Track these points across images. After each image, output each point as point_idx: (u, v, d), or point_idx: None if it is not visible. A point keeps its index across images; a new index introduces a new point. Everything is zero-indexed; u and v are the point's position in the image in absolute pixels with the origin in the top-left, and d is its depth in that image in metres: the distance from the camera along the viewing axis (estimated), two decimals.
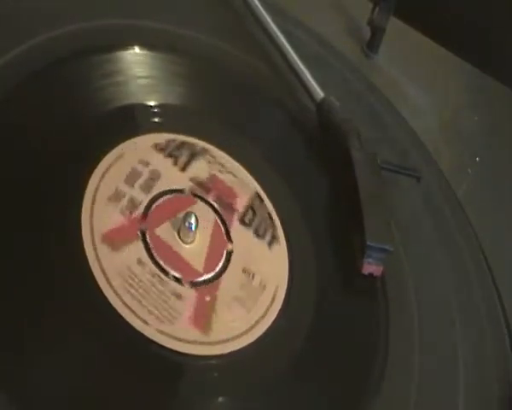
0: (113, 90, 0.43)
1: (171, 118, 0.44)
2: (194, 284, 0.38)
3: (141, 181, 0.40)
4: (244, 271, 0.39)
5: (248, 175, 0.43)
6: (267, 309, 0.39)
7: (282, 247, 0.42)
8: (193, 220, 0.39)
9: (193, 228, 0.39)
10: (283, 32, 0.51)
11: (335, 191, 0.46)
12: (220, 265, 0.39)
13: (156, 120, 0.43)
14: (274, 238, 0.42)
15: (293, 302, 0.40)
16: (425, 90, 0.58)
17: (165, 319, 0.36)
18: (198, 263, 0.39)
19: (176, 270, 0.38)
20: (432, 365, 0.42)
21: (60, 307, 0.35)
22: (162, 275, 0.37)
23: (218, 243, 0.40)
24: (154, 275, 0.37)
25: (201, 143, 0.43)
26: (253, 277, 0.40)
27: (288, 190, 0.45)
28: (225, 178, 0.43)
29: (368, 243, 0.41)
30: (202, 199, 0.41)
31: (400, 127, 0.54)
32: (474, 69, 0.62)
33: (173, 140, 0.43)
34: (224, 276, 0.39)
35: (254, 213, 0.42)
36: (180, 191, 0.41)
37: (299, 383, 0.38)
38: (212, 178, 0.42)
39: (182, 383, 0.36)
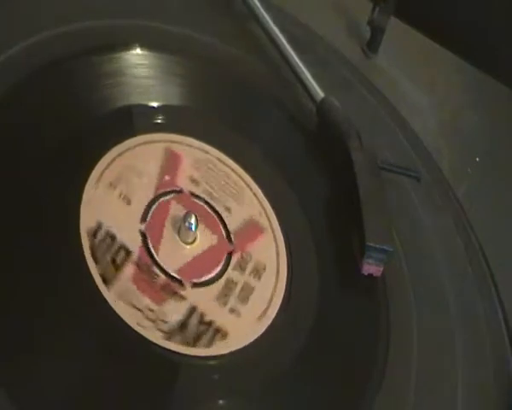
0: (113, 90, 0.43)
1: (171, 118, 0.44)
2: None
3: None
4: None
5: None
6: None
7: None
8: (193, 220, 0.39)
9: (193, 228, 0.39)
10: (283, 31, 0.51)
11: (335, 191, 0.46)
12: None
13: (156, 120, 0.43)
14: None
15: (294, 302, 0.40)
16: (425, 90, 0.58)
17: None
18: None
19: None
20: (431, 365, 0.42)
21: (59, 304, 0.35)
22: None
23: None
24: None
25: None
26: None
27: (287, 189, 0.45)
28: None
29: (367, 243, 0.41)
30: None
31: (400, 127, 0.54)
32: (474, 69, 0.62)
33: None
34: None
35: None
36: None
37: (299, 383, 0.38)
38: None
39: (182, 383, 0.36)
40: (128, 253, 0.37)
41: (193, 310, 0.37)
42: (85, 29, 0.45)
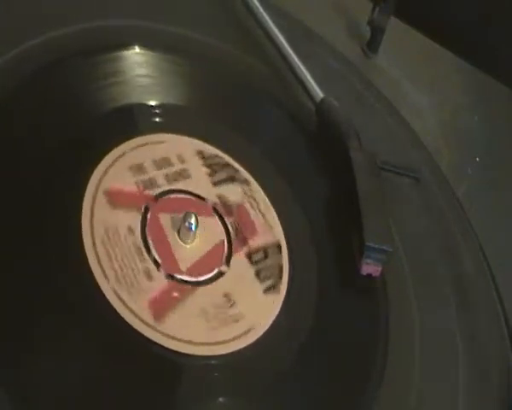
0: (113, 90, 0.43)
1: (171, 118, 0.44)
2: (169, 277, 0.38)
3: (169, 170, 0.41)
4: (225, 295, 0.39)
5: (279, 225, 0.43)
6: (228, 340, 0.37)
7: (278, 297, 0.40)
8: (193, 220, 0.39)
9: (192, 228, 0.39)
10: (283, 31, 0.51)
11: (335, 191, 0.46)
12: (205, 277, 0.39)
13: (156, 120, 0.44)
14: (273, 288, 0.40)
15: (293, 302, 0.40)
16: (425, 90, 0.58)
17: (124, 283, 0.36)
18: (184, 263, 0.39)
19: (159, 255, 0.38)
20: (432, 365, 0.42)
21: (59, 304, 0.35)
22: (144, 251, 0.38)
23: (215, 258, 0.40)
24: (136, 247, 0.37)
25: (246, 175, 0.43)
26: (231, 305, 0.38)
27: (287, 189, 0.45)
28: (253, 213, 0.42)
29: (366, 243, 0.41)
30: (220, 217, 0.41)
31: (400, 127, 0.54)
32: (474, 69, 0.62)
33: (221, 157, 0.43)
34: (203, 288, 0.38)
35: (266, 256, 0.41)
36: (202, 198, 0.41)
37: (299, 383, 0.38)
38: (240, 206, 0.42)
39: (182, 383, 0.36)
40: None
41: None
42: (85, 29, 0.45)
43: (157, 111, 0.44)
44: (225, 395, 0.36)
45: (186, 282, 0.38)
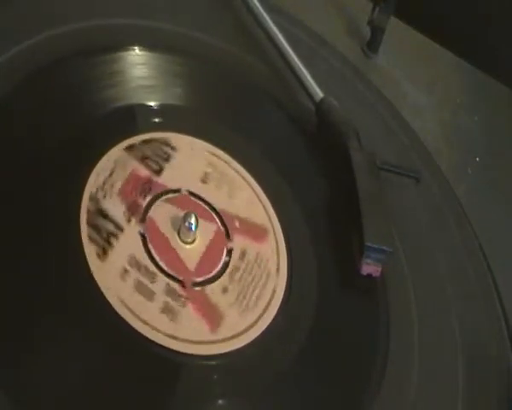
0: (113, 90, 0.43)
1: (171, 118, 0.44)
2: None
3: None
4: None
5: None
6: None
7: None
8: (193, 220, 0.39)
9: (193, 228, 0.39)
10: (283, 31, 0.51)
11: (335, 191, 0.46)
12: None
13: (156, 120, 0.44)
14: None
15: (293, 302, 0.40)
16: (425, 90, 0.58)
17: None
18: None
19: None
20: (432, 365, 0.42)
21: (59, 304, 0.35)
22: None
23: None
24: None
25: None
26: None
27: (287, 189, 0.45)
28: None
29: (366, 243, 0.41)
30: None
31: (400, 127, 0.54)
32: (474, 69, 0.62)
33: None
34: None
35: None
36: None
37: (299, 383, 0.38)
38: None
39: (181, 382, 0.36)
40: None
41: None
42: (85, 29, 0.45)
43: (157, 111, 0.44)
44: (225, 395, 0.36)
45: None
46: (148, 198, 0.40)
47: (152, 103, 0.44)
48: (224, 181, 0.43)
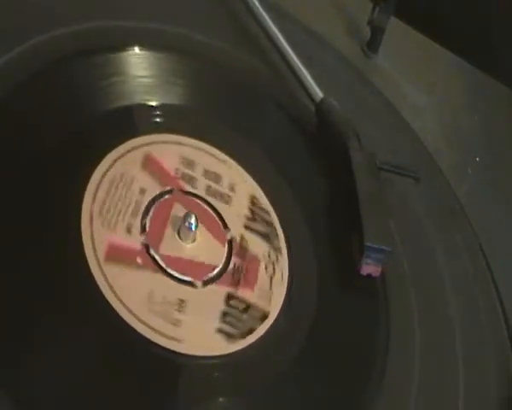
0: (113, 90, 0.43)
1: (171, 118, 0.44)
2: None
3: (214, 185, 0.42)
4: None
5: (280, 303, 0.40)
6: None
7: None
8: (193, 220, 0.39)
9: (193, 228, 0.39)
10: (283, 31, 0.51)
11: (335, 191, 0.46)
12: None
13: (156, 120, 0.44)
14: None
15: (294, 303, 0.40)
16: (425, 90, 0.58)
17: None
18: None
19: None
20: (432, 365, 0.42)
21: (59, 304, 0.35)
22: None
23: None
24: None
25: (282, 244, 0.42)
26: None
27: (287, 189, 0.45)
28: (262, 275, 0.41)
29: (366, 243, 0.41)
30: (229, 249, 0.41)
31: (400, 127, 0.54)
32: (474, 69, 0.62)
33: (269, 215, 0.43)
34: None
35: (245, 311, 0.40)
36: (224, 225, 0.41)
37: (299, 383, 0.38)
38: (255, 260, 0.41)
39: (181, 383, 0.36)
40: None
41: None
42: (85, 29, 0.45)
43: (157, 111, 0.44)
44: (225, 395, 0.36)
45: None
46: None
47: (152, 103, 0.44)
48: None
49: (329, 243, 0.44)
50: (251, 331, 0.38)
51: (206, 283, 0.38)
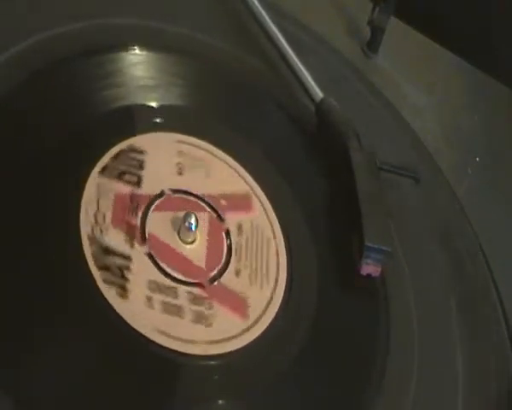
0: (113, 90, 0.43)
1: (171, 118, 0.44)
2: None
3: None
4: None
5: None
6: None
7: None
8: (193, 220, 0.39)
9: (193, 228, 0.39)
10: (283, 31, 0.51)
11: (335, 191, 0.46)
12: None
13: (156, 120, 0.44)
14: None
15: (293, 302, 0.40)
16: (425, 90, 0.58)
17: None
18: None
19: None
20: (432, 364, 0.42)
21: (58, 303, 0.35)
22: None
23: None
24: None
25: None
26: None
27: (287, 189, 0.45)
28: None
29: (366, 243, 0.41)
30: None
31: (400, 127, 0.54)
32: (474, 69, 0.62)
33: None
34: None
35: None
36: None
37: (299, 383, 0.38)
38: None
39: (181, 383, 0.36)
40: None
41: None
42: (85, 29, 0.45)
43: (157, 111, 0.44)
44: (225, 395, 0.36)
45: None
46: (140, 214, 0.39)
47: (152, 103, 0.44)
48: (198, 165, 0.43)
49: (329, 243, 0.44)
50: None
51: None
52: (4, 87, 0.40)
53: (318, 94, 0.48)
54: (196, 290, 0.38)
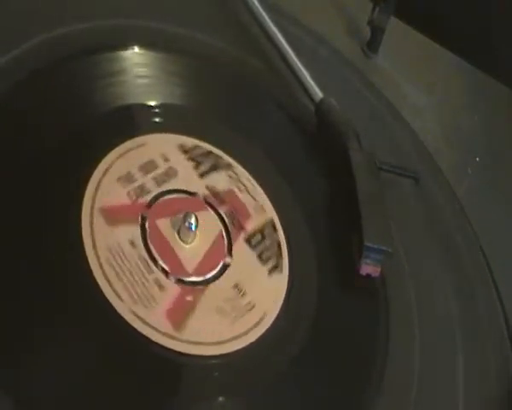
0: (113, 90, 0.43)
1: (171, 118, 0.44)
2: (180, 281, 0.38)
3: (156, 173, 0.41)
4: (235, 286, 0.39)
5: (268, 202, 0.43)
6: (248, 330, 0.38)
7: (283, 276, 0.41)
8: (193, 220, 0.39)
9: (193, 228, 0.39)
10: (283, 31, 0.51)
11: (335, 191, 0.46)
12: (212, 273, 0.39)
13: (156, 120, 0.44)
14: (276, 267, 0.41)
15: (294, 302, 0.40)
16: (425, 90, 0.58)
17: (139, 302, 0.36)
18: (190, 264, 0.39)
19: (166, 263, 0.38)
20: (432, 364, 0.42)
21: (58, 302, 0.35)
22: (150, 262, 0.37)
23: (217, 252, 0.40)
24: (142, 260, 0.37)
25: (227, 158, 0.43)
26: (242, 295, 0.39)
27: (287, 189, 0.45)
28: (243, 197, 0.42)
29: (366, 243, 0.41)
30: (213, 208, 0.41)
31: (400, 127, 0.54)
32: (474, 69, 0.62)
33: (200, 147, 0.43)
34: (213, 285, 0.39)
35: (263, 237, 0.41)
36: (192, 194, 0.41)
37: (299, 383, 0.38)
38: (230, 192, 0.42)
39: (181, 383, 0.36)
40: None
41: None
42: (85, 29, 0.45)
43: (157, 111, 0.44)
44: (225, 395, 0.36)
45: (196, 283, 0.38)
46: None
47: (152, 103, 0.44)
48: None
49: (329, 243, 0.44)
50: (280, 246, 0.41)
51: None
52: (4, 87, 0.40)
53: (318, 94, 0.48)
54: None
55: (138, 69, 0.46)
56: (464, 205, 0.51)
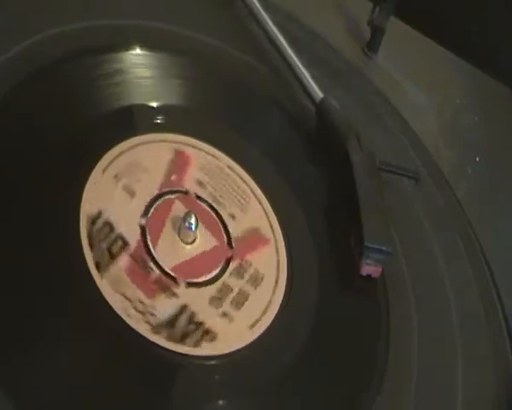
0: (113, 90, 0.43)
1: (171, 118, 0.44)
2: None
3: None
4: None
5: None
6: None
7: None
8: (193, 220, 0.39)
9: (192, 228, 0.39)
10: (283, 31, 0.51)
11: (335, 191, 0.46)
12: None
13: (156, 120, 0.44)
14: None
15: (294, 302, 0.40)
16: (425, 90, 0.58)
17: None
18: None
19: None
20: (431, 365, 0.42)
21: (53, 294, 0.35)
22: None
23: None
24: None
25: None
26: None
27: (287, 189, 0.45)
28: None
29: (366, 243, 0.41)
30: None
31: (400, 127, 0.54)
32: (474, 69, 0.62)
33: None
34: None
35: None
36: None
37: (299, 384, 0.38)
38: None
39: (182, 383, 0.36)
40: (125, 244, 0.38)
41: (184, 308, 0.37)
42: (85, 29, 0.45)
43: (157, 111, 0.44)
44: (225, 395, 0.36)
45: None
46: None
47: (152, 103, 0.44)
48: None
49: (329, 243, 0.44)
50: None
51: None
52: (4, 87, 0.40)
53: (318, 94, 0.48)
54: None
55: (139, 69, 0.46)
56: (464, 205, 0.51)
